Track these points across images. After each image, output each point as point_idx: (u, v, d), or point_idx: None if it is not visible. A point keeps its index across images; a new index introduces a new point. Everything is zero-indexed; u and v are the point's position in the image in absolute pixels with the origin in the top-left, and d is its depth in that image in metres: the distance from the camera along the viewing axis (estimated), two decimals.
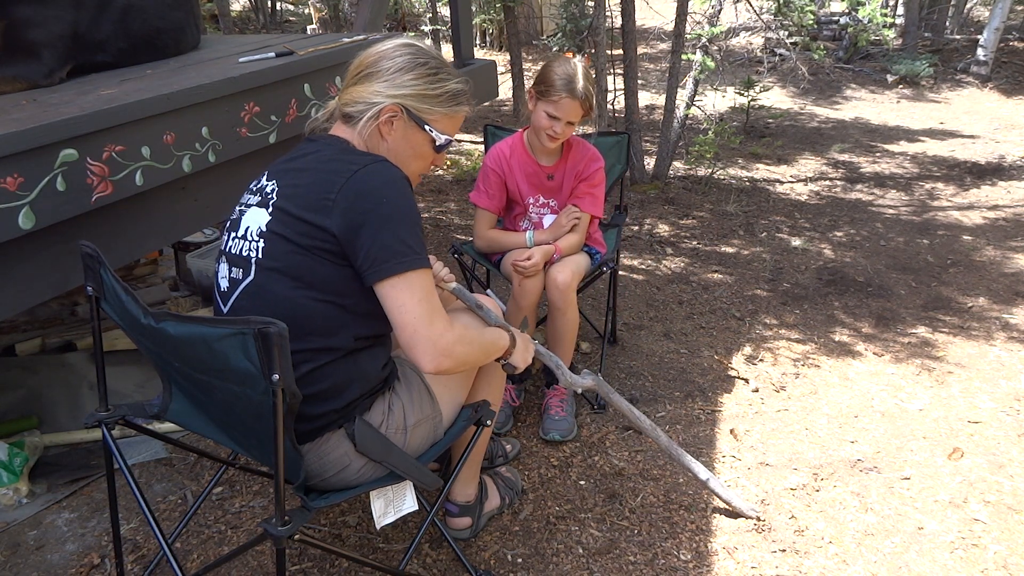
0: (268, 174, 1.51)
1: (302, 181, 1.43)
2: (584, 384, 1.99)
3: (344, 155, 1.47)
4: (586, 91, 2.27)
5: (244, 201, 1.52)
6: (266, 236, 1.42)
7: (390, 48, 1.54)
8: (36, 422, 2.35)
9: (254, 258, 1.43)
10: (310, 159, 1.48)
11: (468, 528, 1.95)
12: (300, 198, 1.41)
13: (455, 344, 1.41)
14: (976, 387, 2.76)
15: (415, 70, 1.52)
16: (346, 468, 1.47)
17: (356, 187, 1.38)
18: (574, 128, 2.38)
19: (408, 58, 1.52)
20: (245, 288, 1.44)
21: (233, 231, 1.49)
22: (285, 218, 1.41)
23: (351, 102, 1.52)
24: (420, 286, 1.39)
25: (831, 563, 1.91)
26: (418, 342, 1.38)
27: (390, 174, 1.43)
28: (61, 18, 2.16)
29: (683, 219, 4.62)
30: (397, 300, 1.38)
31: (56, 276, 1.76)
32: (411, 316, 1.38)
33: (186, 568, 1.86)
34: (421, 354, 1.39)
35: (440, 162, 1.67)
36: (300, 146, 1.55)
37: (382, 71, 1.51)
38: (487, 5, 7.90)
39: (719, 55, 5.90)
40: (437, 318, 1.40)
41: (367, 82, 1.52)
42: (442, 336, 1.39)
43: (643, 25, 8.92)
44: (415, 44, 1.56)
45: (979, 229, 4.50)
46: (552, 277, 2.35)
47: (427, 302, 1.39)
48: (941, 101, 7.93)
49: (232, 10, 9.80)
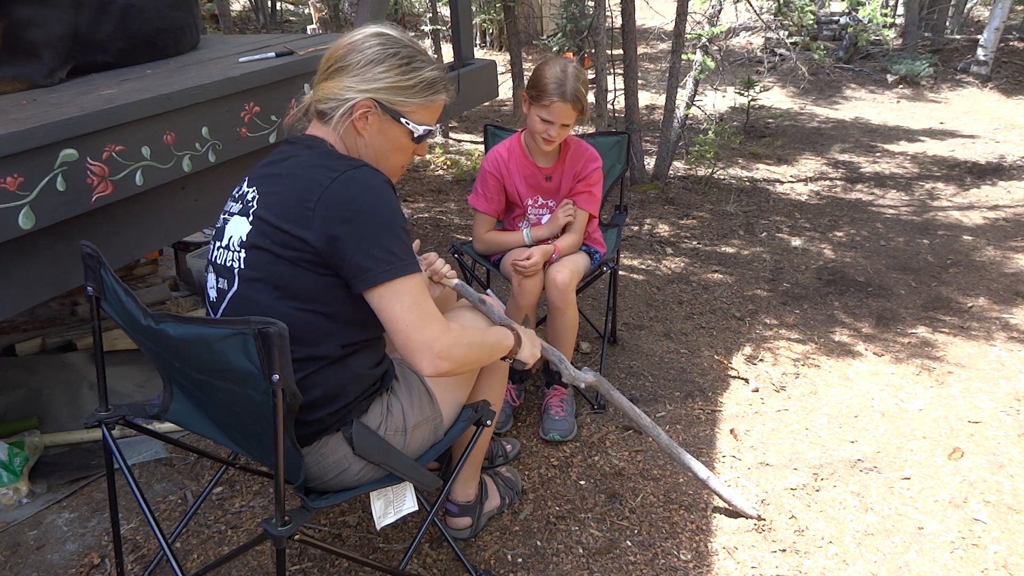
0: (249, 180, 1.48)
1: (281, 188, 1.40)
2: (586, 379, 1.98)
3: (323, 160, 1.43)
4: (577, 93, 2.26)
5: (227, 209, 1.49)
6: (247, 246, 1.40)
7: (359, 39, 1.47)
8: (36, 422, 2.35)
9: (236, 269, 1.41)
10: (289, 164, 1.45)
11: (468, 528, 1.95)
12: (279, 207, 1.38)
13: (452, 347, 1.40)
14: (976, 387, 2.76)
15: (386, 61, 1.46)
16: (345, 471, 1.47)
17: (335, 196, 1.35)
18: (569, 130, 2.38)
19: (378, 49, 1.46)
20: (231, 299, 1.43)
21: (218, 240, 1.48)
22: (265, 228, 1.38)
23: (324, 98, 1.47)
24: (408, 292, 1.37)
25: (831, 563, 1.91)
26: (413, 347, 1.37)
27: (370, 180, 1.39)
28: (61, 18, 2.16)
29: (683, 219, 4.62)
30: (386, 309, 1.37)
31: (56, 276, 1.76)
32: (402, 323, 1.36)
33: (186, 568, 1.86)
34: (418, 359, 1.38)
35: (422, 152, 1.61)
36: (280, 148, 1.52)
37: (352, 64, 1.45)
38: (487, 5, 7.90)
39: (719, 55, 5.89)
40: (430, 322, 1.38)
41: (338, 77, 1.46)
42: (437, 339, 1.38)
43: (643, 25, 8.91)
44: (385, 33, 1.49)
45: (979, 229, 4.50)
46: (551, 277, 2.35)
47: (417, 307, 1.38)
48: (941, 101, 7.93)
49: (232, 10, 9.80)
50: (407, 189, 5.15)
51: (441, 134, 6.51)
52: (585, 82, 2.32)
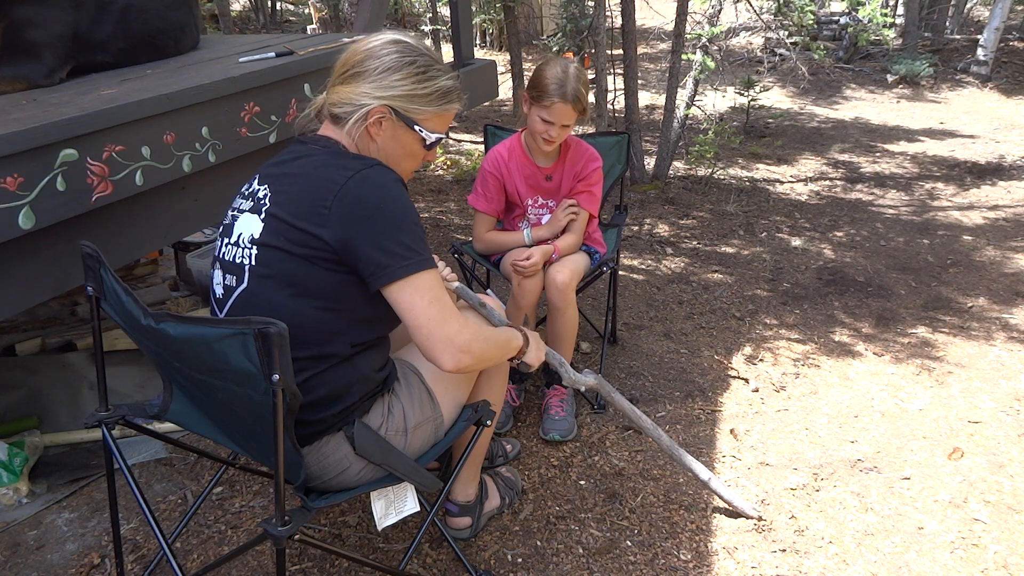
0: (259, 177, 1.49)
1: (294, 187, 1.41)
2: (586, 382, 1.99)
3: (336, 160, 1.44)
4: (578, 94, 2.26)
5: (236, 206, 1.49)
6: (259, 243, 1.40)
7: (377, 46, 1.48)
8: (36, 422, 2.35)
9: (247, 265, 1.41)
10: (302, 163, 1.45)
11: (468, 528, 1.95)
12: (293, 204, 1.39)
13: (472, 341, 1.40)
14: (976, 387, 2.76)
15: (403, 69, 1.47)
16: (346, 471, 1.47)
17: (351, 194, 1.36)
18: (570, 130, 2.38)
19: (396, 56, 1.47)
20: (239, 296, 1.43)
21: (226, 237, 1.48)
22: (278, 225, 1.39)
23: (338, 102, 1.48)
24: (428, 287, 1.38)
25: (831, 563, 1.91)
26: (435, 343, 1.37)
27: (384, 178, 1.40)
28: (61, 18, 2.16)
29: (683, 219, 4.62)
30: (406, 304, 1.37)
31: (56, 276, 1.76)
32: (424, 318, 1.36)
33: (186, 568, 1.86)
34: (440, 354, 1.37)
35: (432, 158, 1.64)
36: (291, 147, 1.53)
37: (369, 71, 1.46)
38: (487, 5, 7.90)
39: (719, 55, 5.90)
40: (450, 317, 1.39)
41: (354, 82, 1.47)
42: (459, 334, 1.38)
43: (643, 25, 8.92)
44: (403, 40, 1.50)
45: (979, 229, 4.50)
46: (551, 277, 2.35)
47: (438, 302, 1.38)
48: (941, 101, 7.93)
49: (232, 10, 9.80)
50: (407, 189, 5.15)
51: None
52: (586, 82, 2.32)
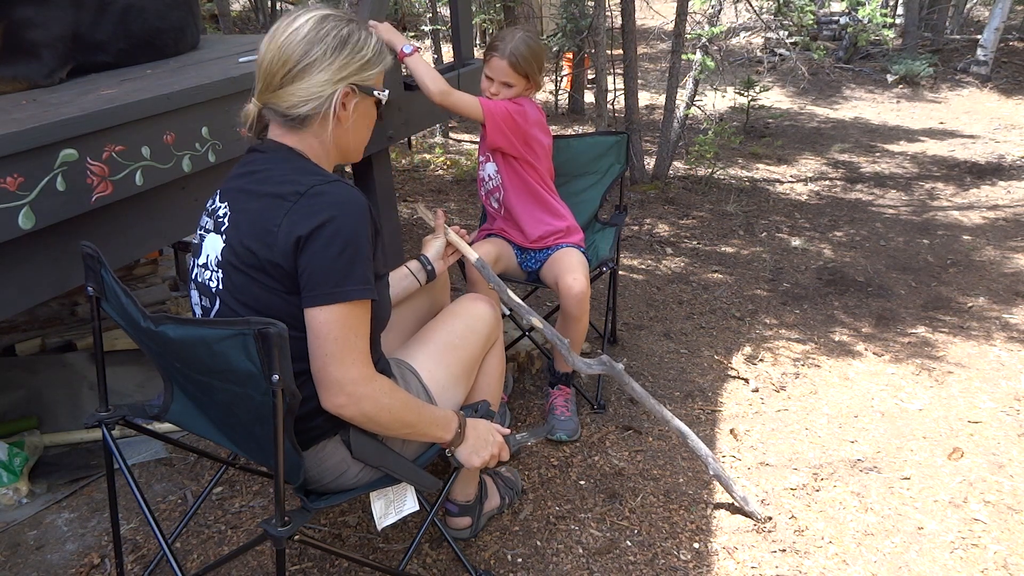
0: (221, 193, 1.44)
1: (250, 206, 1.36)
2: (595, 370, 1.96)
3: (293, 175, 1.36)
4: (516, 53, 2.30)
5: (202, 224, 1.46)
6: (223, 266, 1.37)
7: (311, 31, 1.38)
8: (36, 422, 2.35)
9: (214, 288, 1.40)
10: (259, 177, 1.40)
11: (468, 528, 1.95)
12: (247, 226, 1.34)
13: (370, 398, 1.32)
14: (976, 387, 2.76)
15: (348, 43, 1.40)
16: (344, 473, 1.47)
17: (300, 211, 1.30)
18: (513, 91, 2.37)
19: (335, 33, 1.39)
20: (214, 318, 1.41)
21: (196, 257, 1.45)
22: (237, 247, 1.35)
23: (296, 103, 1.39)
24: (342, 321, 1.28)
25: (831, 563, 1.91)
26: (322, 380, 1.30)
27: (340, 196, 1.32)
28: (61, 18, 2.16)
29: (683, 219, 4.62)
30: (316, 331, 1.29)
31: (56, 276, 1.75)
32: (322, 351, 1.28)
33: (186, 568, 1.86)
34: (323, 391, 1.30)
35: (381, 117, 1.56)
36: (250, 158, 1.45)
37: (318, 59, 1.38)
38: (487, 5, 7.90)
39: (719, 55, 5.89)
40: (354, 361, 1.29)
41: (306, 75, 1.38)
42: (354, 382, 1.29)
43: (643, 25, 8.92)
44: (327, 13, 1.41)
45: (979, 229, 4.50)
46: (567, 286, 2.29)
47: (344, 341, 1.28)
48: (941, 101, 7.93)
49: (232, 10, 9.80)
50: (407, 189, 5.15)
51: (441, 134, 6.52)
52: (535, 50, 2.35)
